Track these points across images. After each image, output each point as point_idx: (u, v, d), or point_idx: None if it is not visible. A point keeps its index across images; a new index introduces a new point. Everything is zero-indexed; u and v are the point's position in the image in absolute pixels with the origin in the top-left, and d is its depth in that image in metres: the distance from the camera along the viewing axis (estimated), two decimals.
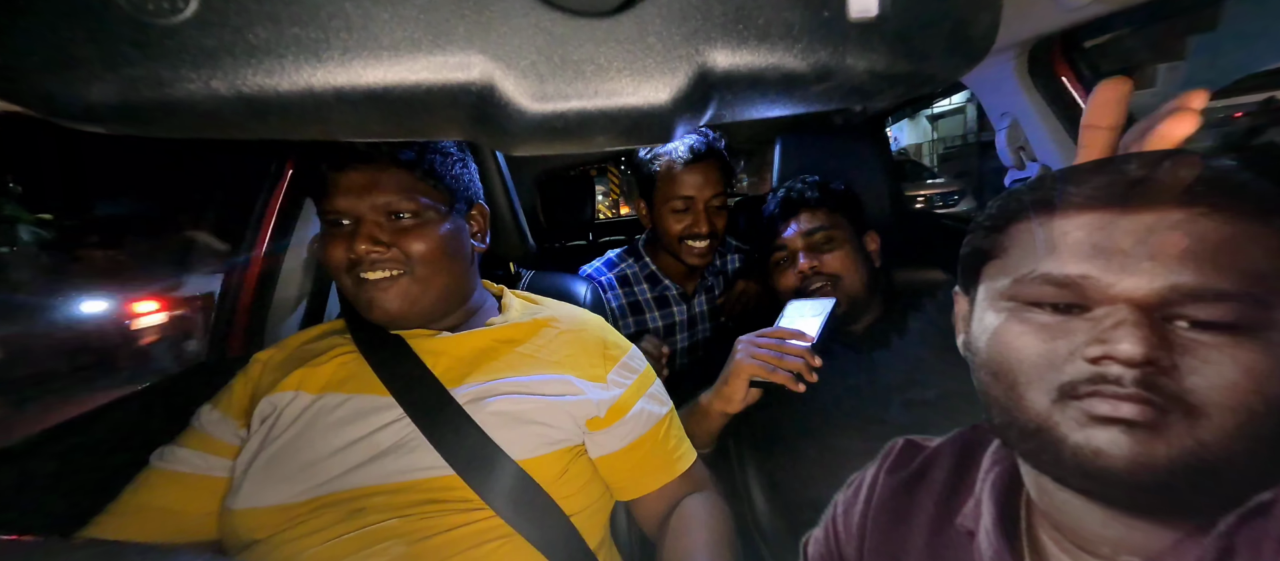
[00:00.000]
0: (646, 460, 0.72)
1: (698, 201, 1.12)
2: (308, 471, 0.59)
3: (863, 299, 0.94)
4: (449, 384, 0.65)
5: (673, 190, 1.12)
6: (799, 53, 0.27)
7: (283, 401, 0.64)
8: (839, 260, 0.94)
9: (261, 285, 1.07)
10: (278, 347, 0.73)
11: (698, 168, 1.12)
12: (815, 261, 0.94)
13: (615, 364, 0.74)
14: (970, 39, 0.29)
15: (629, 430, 0.71)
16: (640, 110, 0.27)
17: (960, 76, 0.31)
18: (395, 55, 0.24)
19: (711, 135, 1.14)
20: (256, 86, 0.23)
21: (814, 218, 0.97)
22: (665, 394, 0.79)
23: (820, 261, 0.94)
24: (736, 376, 0.81)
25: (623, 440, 0.71)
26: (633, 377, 0.74)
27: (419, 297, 0.67)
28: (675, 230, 1.14)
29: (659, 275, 1.25)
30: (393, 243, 0.64)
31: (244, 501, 0.59)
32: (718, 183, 1.14)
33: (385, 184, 0.64)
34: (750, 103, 0.29)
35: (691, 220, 1.13)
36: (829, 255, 0.95)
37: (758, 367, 0.79)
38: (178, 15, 0.22)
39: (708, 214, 1.13)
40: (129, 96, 0.22)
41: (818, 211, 0.98)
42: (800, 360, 0.78)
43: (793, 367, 0.77)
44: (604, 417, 0.70)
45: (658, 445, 0.73)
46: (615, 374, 0.73)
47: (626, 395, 0.72)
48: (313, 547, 0.55)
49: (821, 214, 0.97)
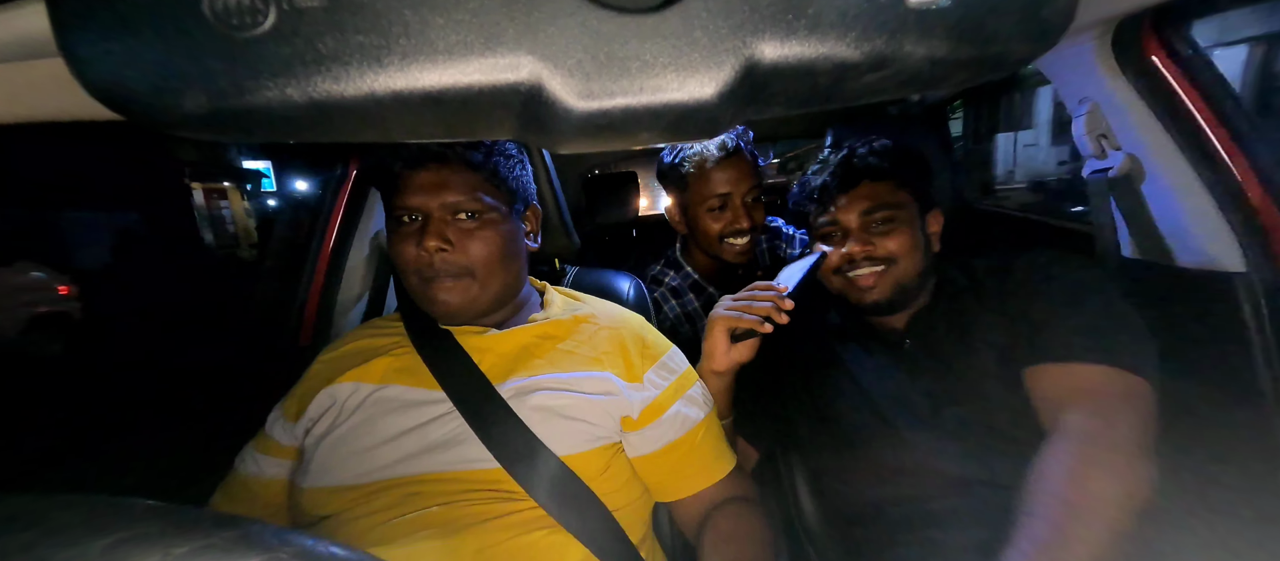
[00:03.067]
0: (682, 464, 0.72)
1: (734, 197, 1.10)
2: (366, 457, 0.63)
3: (914, 286, 0.83)
4: (494, 379, 0.68)
5: (708, 190, 1.10)
6: (852, 41, 0.25)
7: (344, 392, 0.69)
8: (897, 242, 0.81)
9: (329, 279, 1.15)
10: (338, 344, 0.78)
11: (730, 163, 1.10)
12: (868, 246, 0.82)
13: (653, 363, 0.74)
14: (1046, 19, 0.26)
15: (663, 432, 0.70)
16: (685, 106, 0.26)
17: (1032, 60, 0.28)
18: (449, 58, 0.24)
19: (738, 128, 1.11)
20: (325, 92, 0.24)
21: (877, 192, 0.83)
22: (706, 396, 0.77)
23: (874, 245, 0.82)
24: (710, 332, 0.80)
25: (656, 442, 0.70)
26: (671, 378, 0.74)
27: (479, 296, 0.70)
28: (714, 230, 1.12)
29: (702, 283, 1.22)
30: (457, 242, 0.67)
31: (309, 482, 0.64)
32: (751, 175, 1.12)
33: (454, 184, 0.67)
34: (800, 95, 0.28)
35: (730, 216, 1.11)
36: (886, 238, 0.82)
37: (729, 318, 0.78)
38: (258, 28, 0.23)
39: (746, 209, 1.11)
40: (215, 105, 0.24)
41: (882, 184, 0.83)
42: (768, 303, 0.76)
43: (761, 312, 0.76)
44: (637, 419, 0.70)
45: (693, 449, 0.72)
46: (652, 373, 0.73)
47: (662, 397, 0.71)
48: (370, 529, 0.58)
49: (887, 187, 0.83)
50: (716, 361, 0.80)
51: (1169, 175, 0.74)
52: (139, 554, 0.20)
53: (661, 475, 0.72)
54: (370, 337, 0.77)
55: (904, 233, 0.82)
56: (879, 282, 0.82)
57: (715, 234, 1.12)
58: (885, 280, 0.82)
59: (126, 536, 0.21)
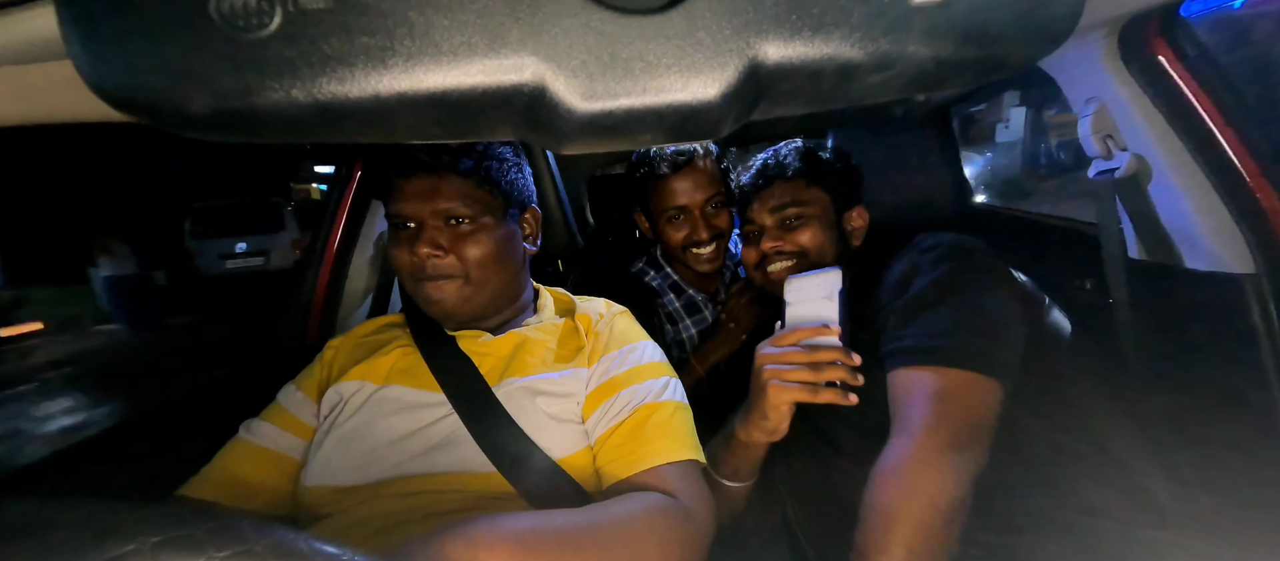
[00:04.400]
0: (624, 444, 0.64)
1: (692, 209, 1.06)
2: (369, 457, 0.64)
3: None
4: (491, 382, 0.68)
5: (665, 202, 1.07)
6: (857, 42, 0.25)
7: (349, 390, 0.70)
8: (807, 236, 0.87)
9: (334, 278, 1.15)
10: (347, 335, 0.79)
11: (686, 174, 1.05)
12: (779, 241, 0.88)
13: (618, 347, 0.73)
14: (1051, 20, 0.26)
15: (607, 412, 0.67)
16: (689, 106, 0.26)
17: (1038, 61, 0.28)
18: (453, 60, 0.25)
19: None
20: (330, 94, 0.25)
21: (787, 190, 0.89)
22: (674, 390, 0.70)
23: (785, 239, 0.88)
24: (774, 407, 0.70)
25: (603, 424, 0.66)
26: (631, 365, 0.71)
27: (473, 297, 0.70)
28: (676, 240, 1.09)
29: (681, 284, 1.21)
30: (451, 248, 0.68)
31: (314, 479, 0.64)
32: (710, 184, 1.07)
33: (445, 191, 0.68)
34: (804, 96, 0.28)
35: (690, 228, 1.07)
36: (796, 232, 0.88)
37: (797, 391, 0.68)
38: (264, 30, 0.23)
39: (705, 219, 1.07)
40: (221, 107, 0.24)
41: (793, 183, 0.89)
42: (838, 364, 0.68)
43: (834, 377, 0.68)
44: (586, 399, 0.69)
45: (639, 429, 0.65)
46: (615, 355, 0.72)
47: (618, 378, 0.69)
48: (367, 529, 0.59)
49: (797, 186, 0.89)
50: (781, 433, 0.72)
51: (1176, 176, 0.74)
52: (182, 557, 0.20)
53: (605, 457, 0.65)
54: (377, 334, 0.78)
55: (814, 227, 0.87)
56: (792, 269, 0.85)
57: (678, 244, 1.09)
58: (799, 269, 0.85)
59: (170, 538, 0.21)
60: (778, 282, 0.84)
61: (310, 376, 0.75)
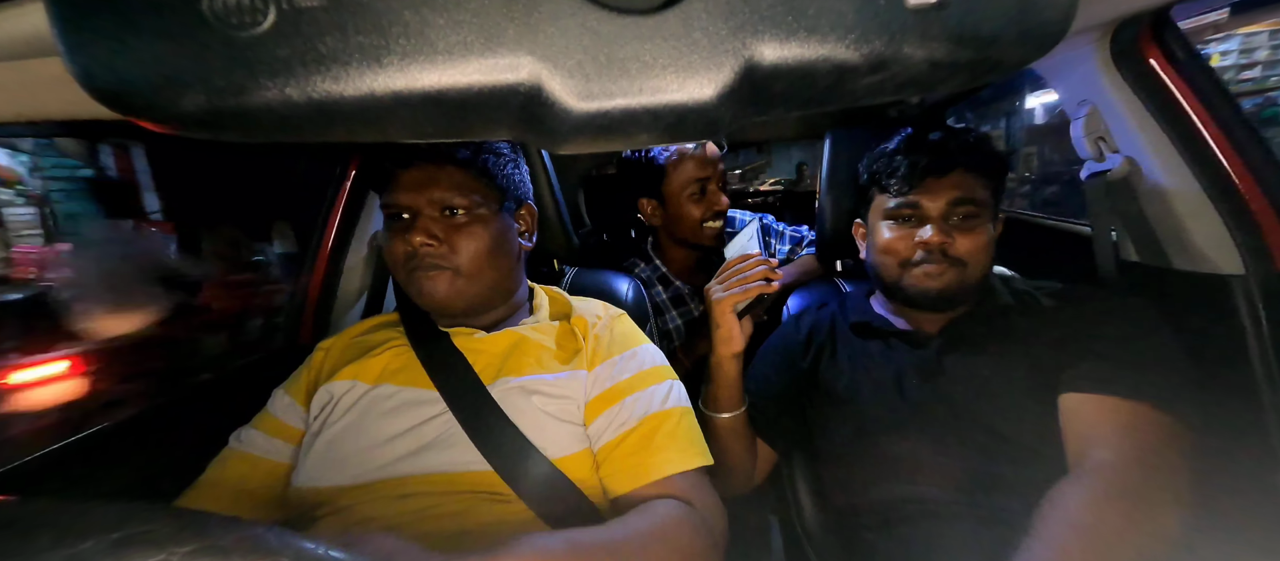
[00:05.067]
0: (632, 455, 0.65)
1: (711, 182, 1.19)
2: (361, 457, 0.63)
3: (971, 291, 0.78)
4: (487, 381, 0.68)
5: (687, 176, 1.18)
6: (852, 43, 0.26)
7: (340, 389, 0.69)
8: (972, 243, 0.75)
9: (328, 278, 1.15)
10: (339, 337, 0.78)
11: (704, 151, 1.18)
12: (947, 238, 0.75)
13: (619, 353, 0.72)
14: (1044, 22, 0.27)
15: (613, 420, 0.67)
16: (684, 106, 0.26)
17: (1031, 63, 0.29)
18: (449, 59, 0.24)
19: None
20: (325, 92, 0.24)
21: (968, 185, 0.75)
22: (679, 397, 0.71)
23: (953, 240, 0.75)
24: (721, 315, 0.82)
25: (607, 432, 0.66)
26: (635, 370, 0.71)
27: (466, 290, 0.70)
28: (697, 215, 1.19)
29: (670, 277, 1.28)
30: (445, 239, 0.68)
31: (305, 480, 0.64)
32: (719, 161, 1.21)
33: (442, 180, 0.68)
34: (799, 97, 0.28)
35: (709, 200, 1.19)
36: (965, 236, 0.75)
37: (733, 296, 0.81)
38: (258, 27, 0.23)
39: (719, 192, 1.20)
40: (214, 104, 0.24)
41: (975, 178, 0.76)
42: (761, 267, 0.81)
43: (758, 277, 0.81)
44: (588, 406, 0.68)
45: (646, 440, 0.65)
46: (616, 361, 0.71)
47: (620, 385, 0.69)
48: (362, 529, 0.58)
49: (979, 183, 0.76)
50: (735, 342, 0.81)
51: (1167, 178, 0.75)
52: (141, 554, 0.20)
53: (611, 467, 0.65)
54: (370, 334, 0.77)
55: (981, 234, 0.76)
56: (944, 276, 0.76)
57: (697, 219, 1.19)
58: (950, 277, 0.76)
59: (130, 534, 0.21)
60: (926, 279, 0.77)
61: (298, 380, 0.74)
